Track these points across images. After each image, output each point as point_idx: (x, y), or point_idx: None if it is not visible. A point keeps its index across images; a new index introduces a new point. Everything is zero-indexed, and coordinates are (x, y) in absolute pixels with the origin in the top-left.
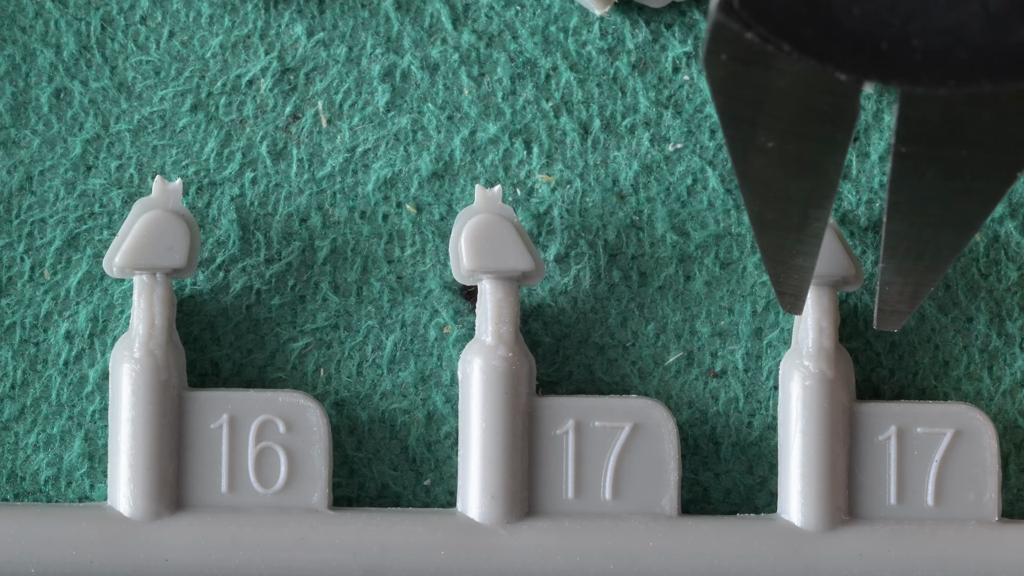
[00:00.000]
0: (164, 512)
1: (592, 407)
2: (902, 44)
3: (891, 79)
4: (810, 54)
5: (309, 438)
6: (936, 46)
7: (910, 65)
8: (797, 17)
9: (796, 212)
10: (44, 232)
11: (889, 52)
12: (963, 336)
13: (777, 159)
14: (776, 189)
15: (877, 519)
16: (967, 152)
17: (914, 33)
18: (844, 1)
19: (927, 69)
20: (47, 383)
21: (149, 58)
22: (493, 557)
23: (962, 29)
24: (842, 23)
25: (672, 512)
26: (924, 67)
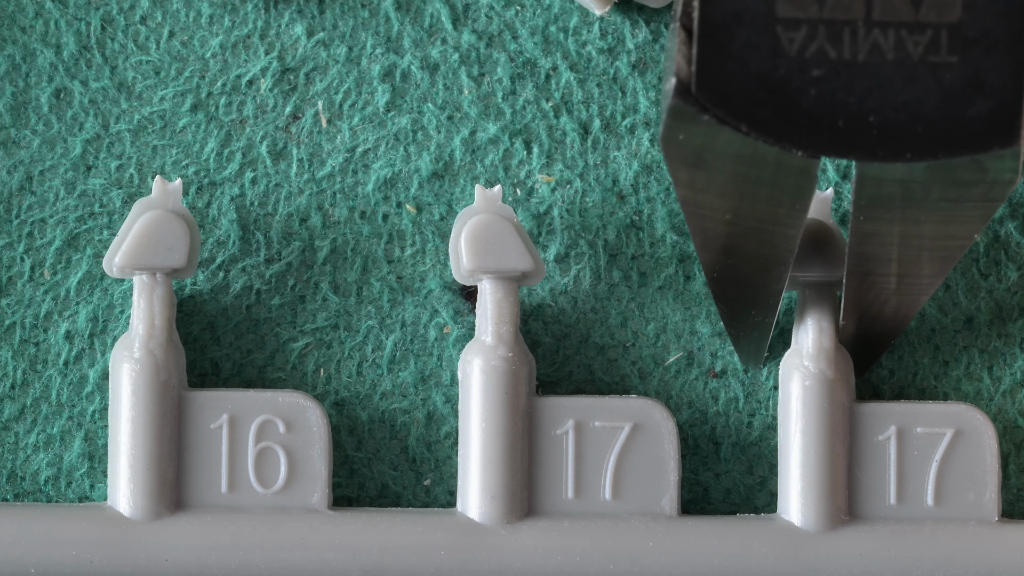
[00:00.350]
0: (164, 512)
1: (592, 407)
2: (858, 121)
3: (849, 154)
4: (768, 133)
5: (309, 438)
6: (892, 122)
7: (867, 141)
8: (754, 99)
9: (755, 275)
10: (44, 232)
11: (846, 129)
12: (963, 336)
13: (736, 229)
14: (734, 255)
15: (877, 519)
16: (925, 218)
17: (870, 110)
18: (800, 82)
19: (884, 144)
20: (47, 383)
21: (149, 58)
22: (493, 557)
23: (917, 105)
24: (799, 103)
25: (672, 512)
26: (881, 142)
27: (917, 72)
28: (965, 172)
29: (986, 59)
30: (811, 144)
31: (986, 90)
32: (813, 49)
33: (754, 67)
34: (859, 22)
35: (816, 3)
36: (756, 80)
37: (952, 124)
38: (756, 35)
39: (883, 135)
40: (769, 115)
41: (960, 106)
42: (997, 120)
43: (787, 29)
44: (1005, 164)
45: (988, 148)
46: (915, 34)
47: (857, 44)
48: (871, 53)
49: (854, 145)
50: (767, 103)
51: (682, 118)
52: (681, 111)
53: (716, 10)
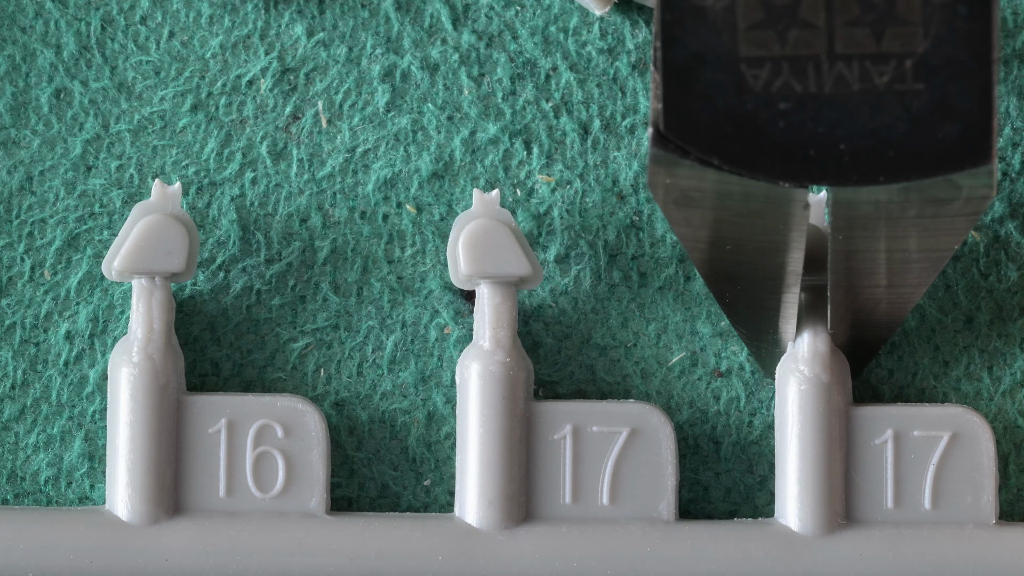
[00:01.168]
0: (162, 516)
1: (589, 412)
2: (829, 149)
3: (821, 180)
4: (740, 167)
5: (307, 443)
6: (862, 148)
7: (839, 167)
8: (723, 135)
9: (766, 297)
10: (44, 232)
11: (817, 157)
12: (963, 336)
13: (739, 257)
14: (742, 280)
15: (875, 523)
16: (904, 233)
17: (840, 138)
18: (769, 116)
19: (856, 169)
20: (47, 383)
21: (149, 58)
22: (491, 562)
23: (887, 131)
24: (768, 136)
25: (670, 517)
26: (852, 167)
27: (884, 100)
28: (939, 191)
29: (953, 85)
30: (783, 174)
31: (955, 114)
32: (778, 84)
33: (721, 105)
34: (822, 56)
35: (778, 41)
36: (724, 117)
37: (923, 147)
38: (720, 74)
39: (855, 161)
40: (740, 149)
41: (930, 130)
42: (968, 141)
43: (751, 67)
44: (979, 180)
45: (961, 168)
46: (879, 64)
47: (822, 77)
48: (837, 84)
49: (826, 172)
50: (737, 138)
51: (662, 163)
52: (660, 157)
53: (678, 53)
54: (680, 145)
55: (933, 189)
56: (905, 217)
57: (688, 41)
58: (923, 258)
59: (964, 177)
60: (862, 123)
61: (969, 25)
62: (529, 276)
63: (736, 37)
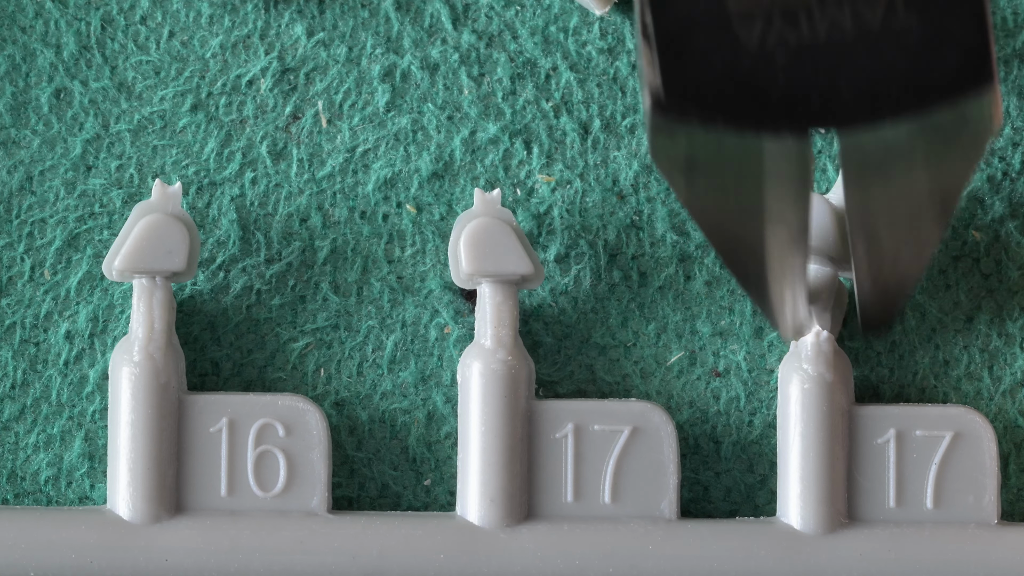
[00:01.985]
0: (163, 515)
1: (591, 410)
2: (832, 94)
3: (828, 125)
4: (746, 125)
5: (308, 442)
6: (865, 89)
7: (843, 110)
8: (725, 95)
9: (776, 258)
10: (44, 232)
11: (821, 104)
12: (963, 336)
13: (746, 220)
14: (751, 245)
15: (876, 522)
16: (914, 172)
17: (842, 84)
18: (768, 71)
19: (861, 109)
20: (47, 383)
21: (149, 58)
22: (492, 560)
23: (887, 69)
24: (769, 91)
25: (671, 515)
26: (857, 109)
27: (880, 40)
28: (946, 122)
29: (946, 15)
30: (790, 124)
31: (952, 43)
32: (773, 38)
33: (719, 65)
34: (812, 4)
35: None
36: (724, 77)
37: (925, 79)
38: (713, 35)
39: (859, 102)
40: (742, 107)
41: (930, 62)
42: (969, 66)
43: (743, 24)
44: (984, 106)
45: (965, 94)
46: (870, 3)
47: (815, 25)
48: (831, 31)
49: (832, 116)
50: (738, 97)
51: (665, 131)
52: (662, 125)
53: (670, 17)
54: (680, 110)
55: (940, 121)
56: (914, 158)
57: (678, 7)
58: (932, 203)
59: (969, 104)
60: (861, 65)
61: None
62: (531, 275)
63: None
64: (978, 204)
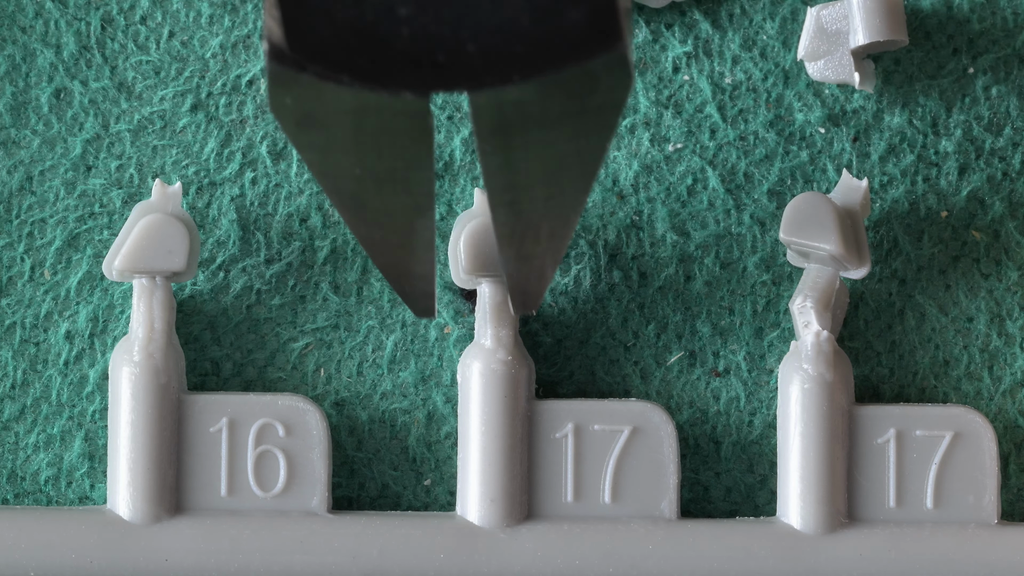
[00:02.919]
0: (164, 515)
1: (591, 410)
2: (458, 52)
3: (455, 86)
4: (369, 80)
5: (308, 442)
6: (491, 47)
7: (471, 70)
8: (347, 47)
9: (400, 227)
10: (44, 232)
11: (447, 62)
12: (963, 336)
13: (368, 181)
14: (375, 209)
15: (876, 522)
16: (552, 137)
17: (466, 39)
18: (390, 23)
19: (488, 70)
20: (47, 383)
21: (149, 58)
22: (492, 560)
23: (512, 25)
24: (393, 45)
25: (671, 515)
26: (484, 69)
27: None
28: (577, 84)
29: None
30: (415, 83)
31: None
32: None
33: (340, 16)
34: None
35: None
36: (346, 29)
37: (551, 37)
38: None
39: (486, 61)
40: (366, 62)
41: (554, 18)
42: (595, 25)
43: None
44: (614, 68)
45: (593, 55)
46: None
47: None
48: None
49: (459, 76)
50: (362, 50)
51: (283, 81)
52: (280, 74)
53: None
54: (298, 60)
55: (570, 82)
56: (548, 118)
57: None
58: (576, 163)
59: (599, 66)
60: (486, 20)
61: None
62: None
63: None
64: (978, 204)
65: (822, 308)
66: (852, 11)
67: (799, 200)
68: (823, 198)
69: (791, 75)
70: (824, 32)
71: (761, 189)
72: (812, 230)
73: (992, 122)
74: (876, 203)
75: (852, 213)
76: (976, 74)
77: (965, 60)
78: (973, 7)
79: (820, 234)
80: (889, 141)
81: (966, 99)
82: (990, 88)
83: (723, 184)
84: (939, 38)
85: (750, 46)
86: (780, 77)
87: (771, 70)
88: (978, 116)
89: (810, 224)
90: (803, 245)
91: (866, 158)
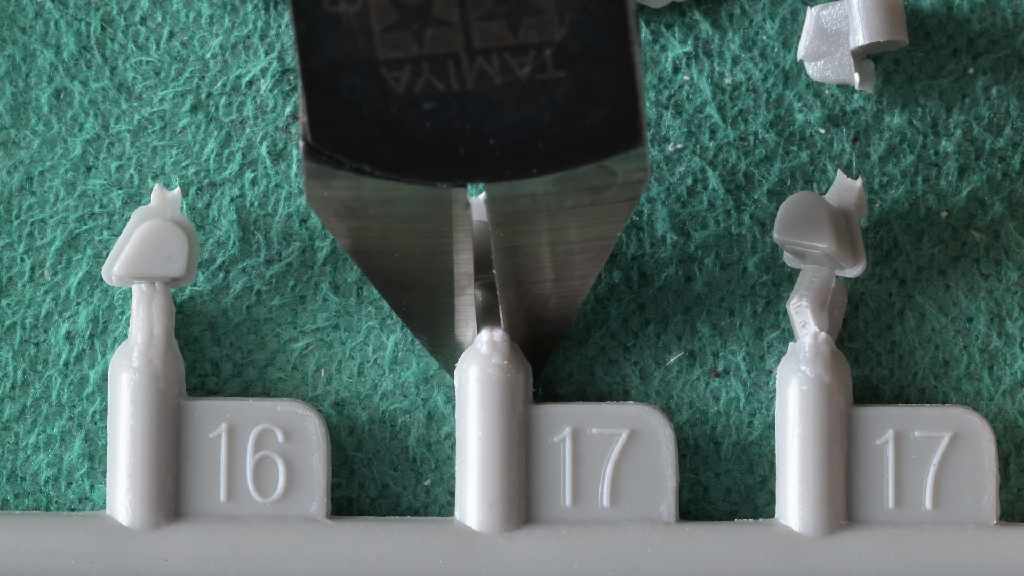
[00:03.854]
0: (163, 521)
1: (589, 414)
2: (479, 145)
3: (475, 178)
4: (393, 171)
5: (308, 447)
6: (512, 142)
7: (490, 163)
8: (372, 140)
9: (440, 305)
10: (44, 232)
11: (468, 155)
12: (963, 336)
13: (409, 264)
14: (416, 288)
15: (875, 523)
16: (564, 224)
17: (489, 134)
18: (414, 117)
19: (508, 163)
20: (47, 383)
21: (149, 58)
22: (491, 565)
23: (534, 123)
24: (416, 137)
25: (670, 518)
26: (504, 162)
27: (528, 91)
28: (593, 178)
29: (594, 70)
30: (436, 175)
31: (600, 99)
32: (420, 85)
33: (366, 111)
34: (461, 53)
35: (415, 41)
36: (371, 123)
37: (572, 135)
38: (361, 80)
39: (506, 155)
40: (390, 154)
41: (576, 118)
42: (617, 125)
43: (391, 69)
44: (632, 164)
45: (611, 153)
46: (519, 56)
47: (463, 73)
48: (479, 80)
49: (479, 169)
50: (386, 142)
51: (319, 176)
52: (315, 171)
53: (317, 61)
54: (332, 156)
55: (587, 177)
56: (563, 208)
57: (325, 49)
58: (586, 248)
59: (617, 162)
60: (509, 116)
61: (604, 9)
62: None
63: (373, 41)
64: (978, 204)
65: (818, 308)
66: (852, 11)
67: (792, 200)
68: (816, 197)
69: (791, 75)
70: (824, 32)
71: (761, 190)
72: (806, 229)
73: (992, 122)
74: (876, 203)
75: (846, 212)
76: (976, 74)
77: (965, 60)
78: (973, 7)
79: (814, 233)
80: (889, 141)
81: (966, 99)
82: (990, 88)
83: (723, 184)
84: (939, 38)
85: (750, 46)
86: (780, 77)
87: (771, 70)
88: (978, 116)
89: (803, 223)
90: (797, 245)
91: (866, 158)
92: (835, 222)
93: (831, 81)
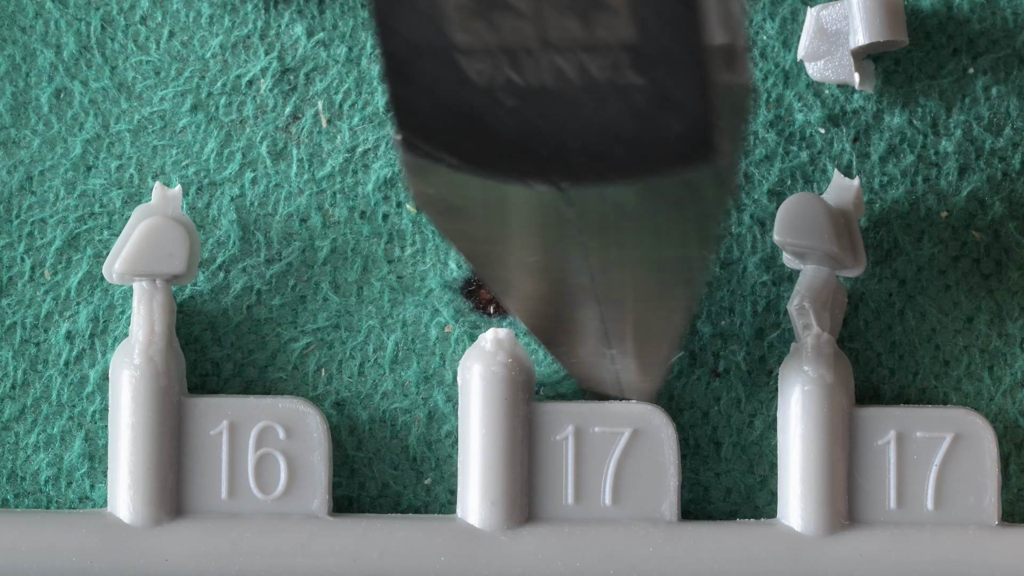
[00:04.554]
0: (164, 518)
1: (592, 412)
2: (560, 148)
3: (555, 179)
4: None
5: (309, 444)
6: (593, 146)
7: (571, 166)
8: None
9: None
10: (44, 232)
11: (549, 156)
12: (963, 336)
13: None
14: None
15: (877, 523)
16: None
17: (569, 136)
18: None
19: (588, 167)
20: (47, 383)
21: (149, 58)
22: (493, 563)
23: (613, 128)
24: (498, 133)
25: (672, 517)
26: (585, 166)
27: (606, 95)
28: (674, 191)
29: (670, 78)
30: (518, 173)
31: (676, 108)
32: (501, 79)
33: (445, 99)
34: (536, 47)
35: (490, 30)
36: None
37: (650, 144)
38: (439, 66)
39: (586, 159)
40: (471, 147)
41: (655, 125)
42: (693, 137)
43: (470, 59)
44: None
45: (688, 165)
46: (596, 57)
47: (541, 71)
48: (558, 80)
49: (560, 171)
50: (466, 135)
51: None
52: (413, 165)
53: (396, 43)
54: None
55: (668, 190)
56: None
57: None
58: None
59: (695, 176)
60: (588, 119)
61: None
62: None
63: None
64: (978, 204)
65: (820, 308)
66: (852, 11)
67: (791, 201)
68: (815, 198)
69: (791, 75)
70: (824, 32)
71: (761, 189)
72: (805, 230)
73: (992, 122)
74: (876, 203)
75: (845, 212)
76: (976, 74)
77: (965, 60)
78: (973, 7)
79: (813, 233)
80: (889, 141)
81: (966, 99)
82: (990, 88)
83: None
84: (939, 38)
85: (750, 46)
86: (780, 77)
87: (771, 70)
88: (978, 116)
89: (803, 224)
90: (797, 245)
91: (866, 158)
92: (835, 223)
93: (831, 81)
